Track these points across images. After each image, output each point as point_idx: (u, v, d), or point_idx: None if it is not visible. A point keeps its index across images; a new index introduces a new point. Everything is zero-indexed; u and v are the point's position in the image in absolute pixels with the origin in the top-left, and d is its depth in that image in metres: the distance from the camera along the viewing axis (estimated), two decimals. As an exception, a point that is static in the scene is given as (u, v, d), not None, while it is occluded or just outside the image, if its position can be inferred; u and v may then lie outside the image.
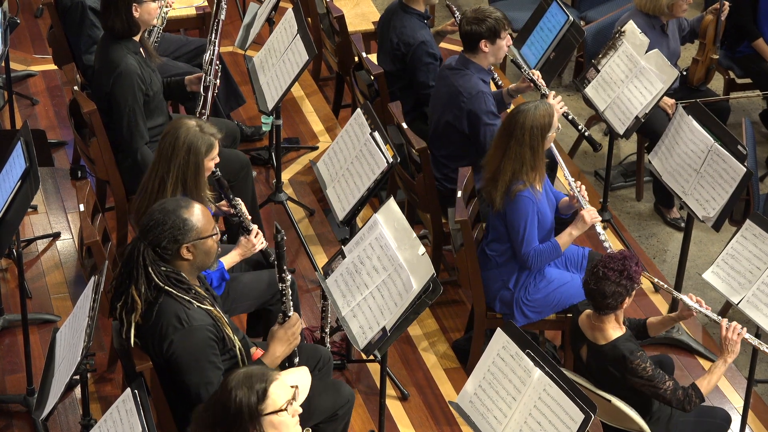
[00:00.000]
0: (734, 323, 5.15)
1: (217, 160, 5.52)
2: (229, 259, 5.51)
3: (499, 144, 5.74)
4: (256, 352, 5.06)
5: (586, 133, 6.60)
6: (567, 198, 5.98)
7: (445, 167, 6.57)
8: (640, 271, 5.03)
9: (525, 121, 5.64)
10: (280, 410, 4.08)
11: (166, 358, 4.71)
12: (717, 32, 7.50)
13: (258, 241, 5.59)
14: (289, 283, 4.93)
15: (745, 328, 5.16)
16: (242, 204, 5.71)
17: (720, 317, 5.21)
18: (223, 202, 5.78)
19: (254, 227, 5.63)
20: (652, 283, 5.43)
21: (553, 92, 6.46)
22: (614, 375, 5.07)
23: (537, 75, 6.64)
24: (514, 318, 5.83)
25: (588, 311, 5.16)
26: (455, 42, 8.84)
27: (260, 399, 4.05)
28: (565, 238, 5.78)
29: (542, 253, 5.72)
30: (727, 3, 7.44)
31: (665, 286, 5.44)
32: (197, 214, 4.75)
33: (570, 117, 6.54)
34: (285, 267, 4.88)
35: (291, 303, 4.91)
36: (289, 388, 4.13)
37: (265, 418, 4.06)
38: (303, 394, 4.31)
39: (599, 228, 5.84)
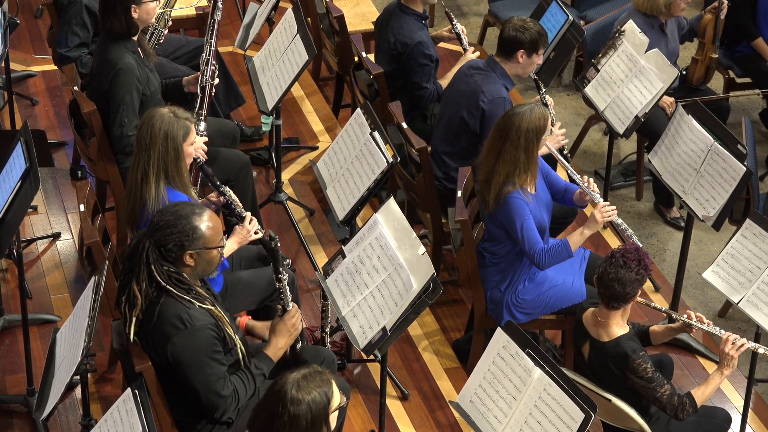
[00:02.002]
0: (735, 336, 5.13)
1: (197, 145, 5.53)
2: (228, 248, 5.51)
3: (492, 146, 5.72)
4: (242, 319, 5.15)
5: (573, 176, 6.52)
6: (579, 191, 5.95)
7: (446, 165, 6.56)
8: (651, 263, 5.06)
9: (521, 124, 5.63)
10: (341, 405, 4.14)
11: (170, 359, 4.72)
12: (716, 31, 7.50)
13: (252, 227, 5.58)
14: (287, 281, 5.02)
15: (744, 339, 5.14)
16: (231, 191, 5.70)
17: (722, 331, 5.18)
18: (213, 194, 5.77)
19: (247, 213, 5.62)
20: (650, 306, 5.39)
21: (559, 123, 6.42)
22: (615, 373, 5.07)
23: (550, 102, 6.58)
24: (502, 318, 5.83)
25: (593, 309, 5.16)
26: (453, 42, 8.84)
27: (330, 397, 4.10)
28: (576, 238, 5.73)
29: (551, 252, 5.68)
30: (726, 2, 7.44)
31: (663, 309, 5.40)
32: (208, 223, 4.77)
33: (564, 152, 6.41)
34: (281, 268, 4.96)
35: (290, 297, 5.00)
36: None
37: (331, 416, 4.12)
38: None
39: (618, 219, 5.80)
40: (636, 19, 7.05)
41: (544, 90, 6.63)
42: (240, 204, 5.65)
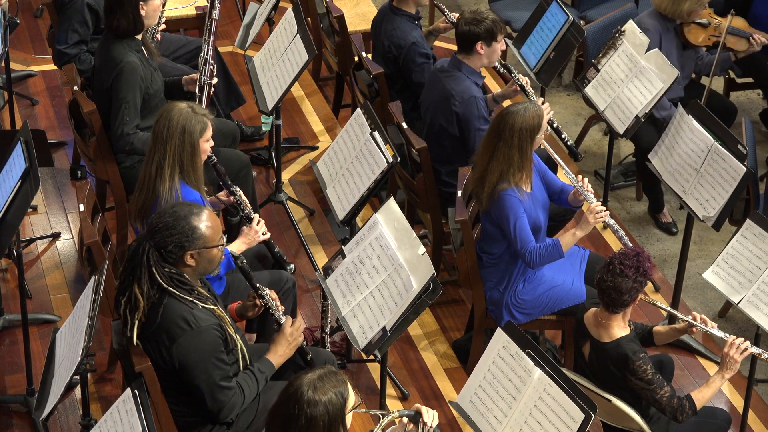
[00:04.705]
0: (740, 340, 5.12)
1: (212, 143, 5.54)
2: (234, 248, 5.53)
3: (487, 145, 5.73)
4: (232, 306, 5.22)
5: (569, 143, 6.57)
6: (574, 191, 5.94)
7: (437, 171, 6.54)
8: (653, 267, 5.04)
9: (514, 123, 5.63)
10: (356, 406, 4.14)
11: (175, 361, 4.73)
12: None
13: (260, 228, 5.61)
14: (267, 297, 5.08)
15: (748, 342, 5.13)
16: (241, 192, 5.73)
17: (726, 334, 5.18)
18: (223, 192, 5.79)
19: (256, 216, 5.65)
20: (654, 305, 5.37)
21: (542, 98, 6.44)
22: (614, 374, 5.07)
23: (526, 81, 6.62)
24: (502, 318, 5.83)
25: (594, 309, 5.16)
26: (449, 40, 8.85)
27: (346, 398, 4.10)
28: (568, 239, 5.73)
29: (542, 252, 5.68)
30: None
31: (669, 309, 5.38)
32: (207, 223, 4.78)
33: (555, 125, 6.50)
34: (258, 285, 5.08)
35: (280, 312, 5.08)
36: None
37: (347, 416, 4.12)
38: None
39: (610, 220, 5.79)
40: (653, 20, 7.06)
41: (516, 72, 6.64)
42: (249, 205, 5.68)
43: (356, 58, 7.37)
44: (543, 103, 6.34)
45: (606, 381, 5.13)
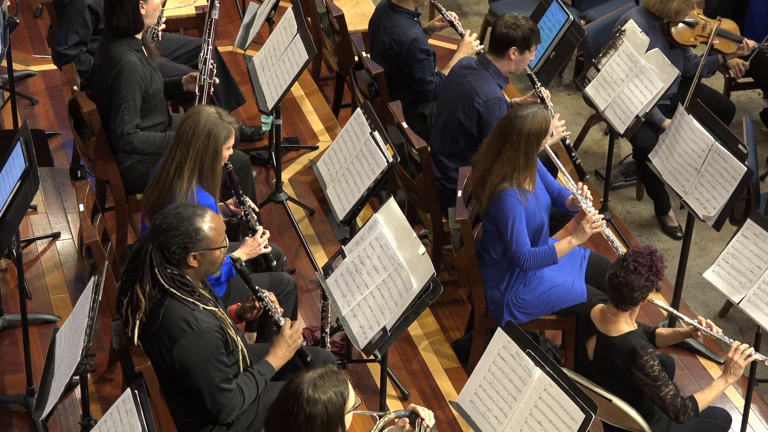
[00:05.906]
0: (744, 345, 5.13)
1: (231, 151, 5.56)
2: (236, 257, 5.52)
3: (492, 146, 5.71)
4: (231, 307, 5.23)
5: (578, 161, 6.55)
6: (572, 197, 5.94)
7: (444, 166, 6.55)
8: (664, 267, 5.04)
9: (522, 127, 5.60)
10: (356, 406, 4.14)
11: (176, 362, 4.73)
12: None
13: (263, 241, 5.62)
14: (266, 300, 5.09)
15: (752, 349, 5.13)
16: (251, 202, 5.74)
17: (731, 339, 5.18)
18: (231, 200, 5.80)
19: (260, 228, 5.65)
20: (660, 307, 5.37)
21: (558, 114, 6.41)
22: (619, 369, 5.06)
23: (547, 94, 6.60)
24: (502, 318, 5.82)
25: (601, 305, 5.16)
26: (445, 39, 8.85)
27: (345, 397, 4.10)
28: (563, 246, 5.73)
29: (536, 256, 5.67)
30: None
31: (675, 312, 5.37)
32: (210, 224, 4.78)
33: (566, 142, 6.47)
34: (257, 287, 5.07)
35: (279, 314, 5.08)
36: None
37: (347, 416, 4.13)
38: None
39: (607, 231, 5.79)
40: (640, 17, 7.04)
41: (539, 84, 6.62)
42: (256, 216, 5.69)
43: (356, 58, 7.36)
44: (559, 119, 6.32)
45: (611, 377, 5.12)
